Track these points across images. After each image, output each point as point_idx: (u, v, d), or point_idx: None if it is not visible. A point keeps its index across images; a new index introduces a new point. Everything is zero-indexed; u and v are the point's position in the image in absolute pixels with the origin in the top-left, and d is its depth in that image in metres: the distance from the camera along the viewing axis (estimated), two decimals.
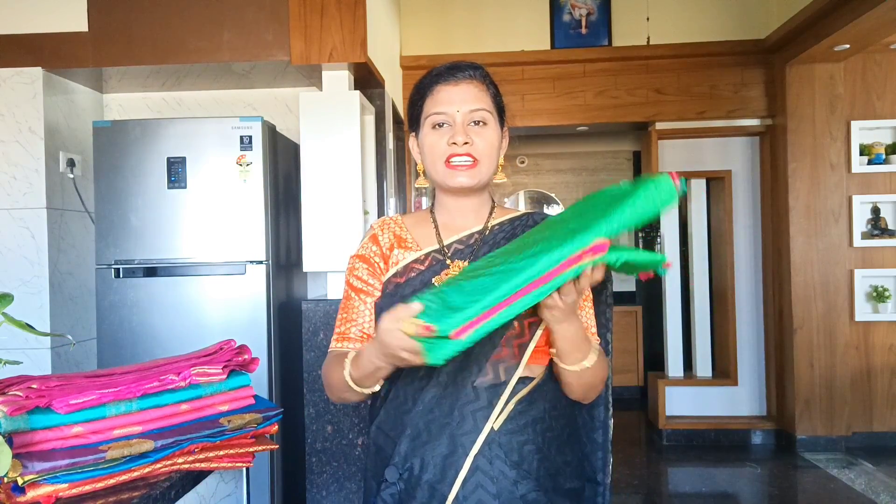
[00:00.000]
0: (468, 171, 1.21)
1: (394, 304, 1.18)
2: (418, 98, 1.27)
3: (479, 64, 1.27)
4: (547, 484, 1.12)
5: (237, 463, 1.26)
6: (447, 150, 1.20)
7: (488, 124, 1.22)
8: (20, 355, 2.87)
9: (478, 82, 1.24)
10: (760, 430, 4.56)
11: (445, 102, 1.21)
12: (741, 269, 4.68)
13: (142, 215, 2.80)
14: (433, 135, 1.22)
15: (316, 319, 2.83)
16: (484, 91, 1.24)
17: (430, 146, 1.23)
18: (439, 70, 1.25)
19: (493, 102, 1.25)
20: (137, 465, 1.11)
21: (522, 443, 1.12)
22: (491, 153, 1.22)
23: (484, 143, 1.21)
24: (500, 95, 1.28)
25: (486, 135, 1.22)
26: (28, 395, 1.06)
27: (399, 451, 1.14)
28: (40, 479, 1.02)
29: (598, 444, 1.30)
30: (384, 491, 1.15)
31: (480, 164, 1.21)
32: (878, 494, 3.52)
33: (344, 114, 2.88)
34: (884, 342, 4.38)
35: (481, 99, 1.22)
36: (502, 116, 1.28)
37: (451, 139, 1.20)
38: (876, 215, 4.39)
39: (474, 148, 1.20)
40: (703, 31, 4.47)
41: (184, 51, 2.98)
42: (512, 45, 4.53)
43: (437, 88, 1.23)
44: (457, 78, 1.23)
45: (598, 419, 1.30)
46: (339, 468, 2.81)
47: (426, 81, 1.26)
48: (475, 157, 1.20)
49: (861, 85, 4.40)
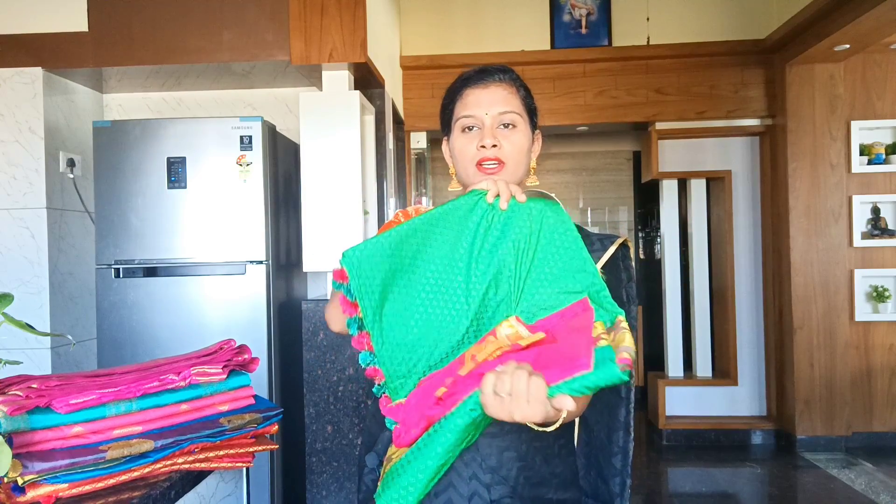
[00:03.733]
0: (497, 174, 1.20)
1: None
2: (449, 102, 1.27)
3: (510, 67, 1.26)
4: (525, 493, 1.11)
5: (237, 463, 1.26)
6: (477, 153, 1.20)
7: (517, 127, 1.21)
8: (20, 355, 2.87)
9: (507, 85, 1.23)
10: (760, 430, 4.55)
11: (474, 105, 1.21)
12: (741, 269, 4.68)
13: (142, 215, 2.80)
14: (463, 138, 1.22)
15: (316, 319, 2.83)
16: (513, 94, 1.23)
17: (460, 149, 1.23)
18: (469, 74, 1.25)
19: (524, 105, 1.24)
20: (137, 465, 1.11)
21: (503, 448, 1.11)
22: (520, 156, 1.22)
23: (512, 147, 1.20)
24: (530, 98, 1.27)
25: (515, 138, 1.21)
26: (28, 394, 1.06)
27: (382, 439, 1.19)
28: (40, 479, 1.02)
29: (616, 470, 1.20)
30: (366, 476, 1.21)
31: (508, 167, 1.20)
32: (878, 494, 3.52)
33: (344, 114, 2.88)
34: (884, 342, 4.38)
35: (510, 101, 1.21)
36: (533, 119, 1.27)
37: (480, 142, 1.19)
38: (876, 215, 4.39)
39: (502, 151, 1.19)
40: (703, 31, 4.47)
41: (184, 51, 2.98)
42: (512, 45, 4.53)
43: (467, 92, 1.23)
44: (486, 81, 1.22)
45: (617, 444, 1.19)
46: (339, 468, 2.81)
47: (456, 85, 1.26)
48: (502, 160, 1.20)
49: (861, 85, 4.40)
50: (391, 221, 1.29)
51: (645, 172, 4.94)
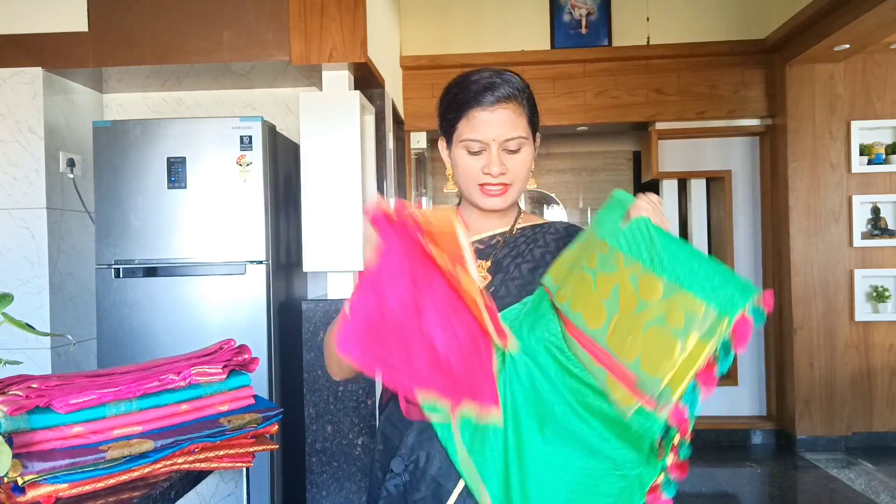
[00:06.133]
0: (501, 196, 1.20)
1: None
2: (452, 116, 1.22)
3: (517, 78, 1.21)
4: None
5: (237, 463, 1.26)
6: (481, 177, 1.19)
7: (522, 148, 1.20)
8: (20, 355, 2.87)
9: (514, 106, 1.18)
10: (760, 430, 4.55)
11: (481, 129, 1.17)
12: (741, 269, 4.68)
13: (142, 215, 2.80)
14: (467, 158, 1.20)
15: (316, 319, 2.83)
16: (520, 115, 1.19)
17: (463, 168, 1.21)
18: (476, 89, 1.18)
19: (529, 124, 1.21)
20: (137, 465, 1.11)
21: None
22: (524, 174, 1.21)
23: (517, 169, 1.19)
24: (535, 112, 1.24)
25: (520, 159, 1.19)
26: (28, 394, 1.06)
27: (406, 443, 1.15)
28: (40, 479, 1.02)
29: None
30: (389, 481, 1.15)
31: (512, 187, 1.20)
32: (878, 494, 3.52)
33: (344, 114, 2.88)
34: (884, 342, 4.38)
35: (517, 125, 1.18)
36: (536, 131, 1.26)
37: (486, 168, 1.18)
38: (876, 215, 4.39)
39: (507, 175, 1.19)
40: (703, 31, 4.47)
41: (184, 51, 2.98)
42: (512, 45, 4.53)
43: (473, 114, 1.18)
44: (493, 105, 1.17)
45: None
46: (339, 468, 2.81)
47: (461, 100, 1.20)
48: (507, 184, 1.19)
49: (861, 85, 4.40)
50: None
51: (645, 172, 4.94)
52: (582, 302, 0.99)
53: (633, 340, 0.92)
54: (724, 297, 0.87)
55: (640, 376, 0.90)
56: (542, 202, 6.54)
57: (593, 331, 0.96)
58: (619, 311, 0.94)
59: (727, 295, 0.87)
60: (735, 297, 0.87)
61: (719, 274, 0.89)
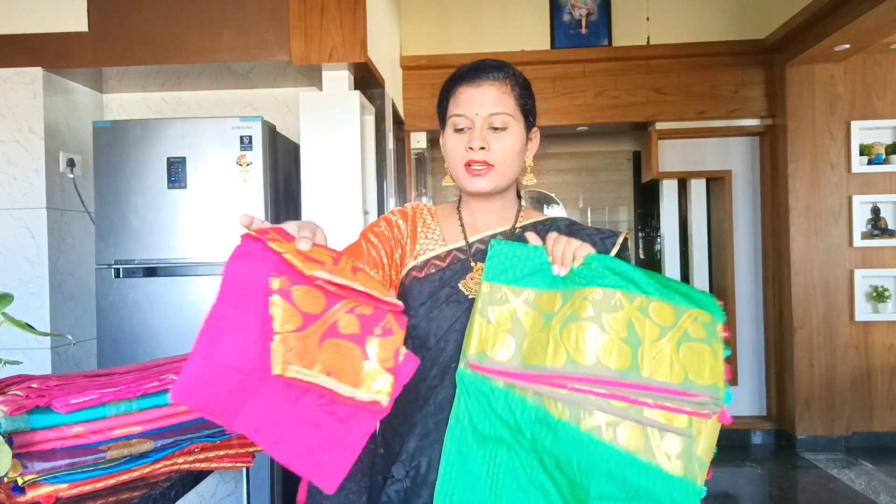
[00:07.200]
0: (485, 177, 1.18)
1: (410, 297, 1.17)
2: (443, 98, 1.25)
3: (507, 63, 1.22)
4: None
5: (237, 463, 1.26)
6: (465, 154, 1.18)
7: (509, 128, 1.18)
8: (20, 355, 2.87)
9: (501, 83, 1.19)
10: (760, 430, 4.55)
11: (465, 105, 1.18)
12: (741, 269, 4.68)
13: (142, 215, 2.79)
14: (454, 138, 1.20)
15: None
16: (507, 93, 1.19)
17: (450, 149, 1.21)
18: (464, 70, 1.22)
19: (517, 104, 1.20)
20: (137, 465, 1.11)
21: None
22: (510, 158, 1.19)
23: (501, 149, 1.18)
24: (527, 96, 1.23)
25: (505, 140, 1.18)
26: (28, 394, 1.06)
27: (407, 449, 1.15)
28: (40, 479, 1.02)
29: None
30: (389, 487, 1.15)
31: (497, 169, 1.18)
32: (878, 494, 3.52)
33: (344, 114, 2.88)
34: (884, 342, 4.38)
35: (503, 102, 1.18)
36: (529, 118, 1.24)
37: (469, 144, 1.17)
38: (876, 215, 4.39)
39: (490, 154, 1.17)
40: (703, 31, 4.47)
41: (184, 51, 2.98)
42: (512, 45, 4.53)
43: (459, 90, 1.20)
44: (479, 79, 1.19)
45: None
46: None
47: (450, 81, 1.23)
48: (490, 163, 1.18)
49: (861, 85, 4.40)
50: (406, 213, 1.29)
51: (645, 172, 4.93)
52: (579, 351, 0.99)
53: (673, 362, 0.99)
54: (711, 304, 1.03)
55: (701, 389, 1.00)
56: (542, 202, 6.54)
57: (621, 370, 0.98)
58: (643, 342, 0.99)
59: (710, 302, 1.03)
60: (713, 302, 1.04)
61: (685, 286, 1.05)
